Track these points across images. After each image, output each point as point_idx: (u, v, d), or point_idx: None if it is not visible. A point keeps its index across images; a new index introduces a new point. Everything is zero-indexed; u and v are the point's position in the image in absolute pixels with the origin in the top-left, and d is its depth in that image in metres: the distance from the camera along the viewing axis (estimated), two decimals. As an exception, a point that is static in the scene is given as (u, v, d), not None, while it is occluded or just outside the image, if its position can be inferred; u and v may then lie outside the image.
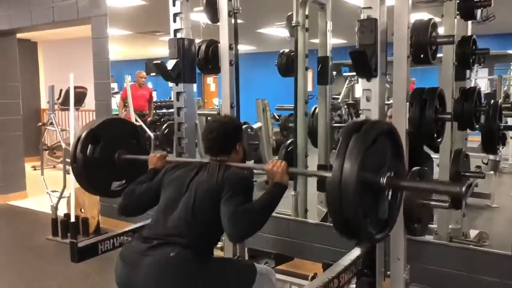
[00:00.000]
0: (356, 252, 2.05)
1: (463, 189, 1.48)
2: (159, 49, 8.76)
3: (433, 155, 3.35)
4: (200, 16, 3.02)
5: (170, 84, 2.74)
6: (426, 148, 3.19)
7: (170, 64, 2.58)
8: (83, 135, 2.35)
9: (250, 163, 2.07)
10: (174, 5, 2.63)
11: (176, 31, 2.64)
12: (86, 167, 2.35)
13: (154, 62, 2.57)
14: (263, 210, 1.84)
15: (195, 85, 2.78)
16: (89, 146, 2.34)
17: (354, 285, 2.09)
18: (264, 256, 2.94)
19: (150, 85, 7.56)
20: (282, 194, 1.91)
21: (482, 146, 3.11)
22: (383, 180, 1.57)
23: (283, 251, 3.20)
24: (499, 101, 2.93)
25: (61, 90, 6.39)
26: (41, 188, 5.98)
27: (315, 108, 3.87)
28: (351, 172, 1.43)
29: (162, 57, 9.74)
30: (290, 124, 6.23)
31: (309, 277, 2.56)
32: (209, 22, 2.95)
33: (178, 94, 2.70)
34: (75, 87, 5.31)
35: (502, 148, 3.40)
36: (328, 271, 1.87)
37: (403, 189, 1.70)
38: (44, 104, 8.94)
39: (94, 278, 3.39)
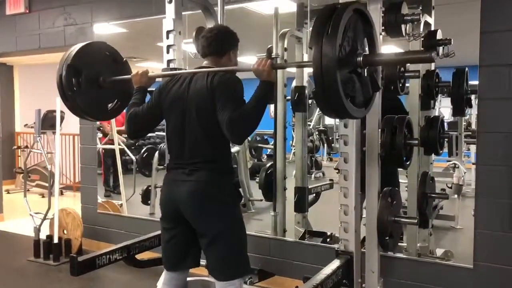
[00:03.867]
0: (336, 263, 2.26)
1: (432, 54, 1.66)
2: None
3: (401, 180, 3.62)
4: (187, 47, 3.25)
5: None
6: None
7: (163, 92, 2.77)
8: (63, 73, 2.38)
9: (235, 67, 2.24)
10: (167, 37, 2.84)
11: (169, 61, 2.84)
12: (78, 101, 2.41)
13: (150, 89, 2.74)
14: (256, 109, 2.01)
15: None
16: (73, 80, 2.38)
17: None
18: (248, 272, 3.08)
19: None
20: (271, 90, 2.11)
21: (452, 111, 3.40)
22: (360, 59, 1.72)
23: (264, 268, 3.37)
24: (466, 70, 3.23)
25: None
26: (17, 211, 6.00)
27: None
28: (330, 56, 1.57)
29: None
30: (258, 145, 6.54)
31: (292, 290, 2.74)
32: (197, 53, 3.19)
33: (169, 119, 2.89)
34: (53, 111, 5.40)
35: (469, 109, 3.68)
36: (312, 279, 2.06)
37: (378, 64, 1.84)
38: (18, 128, 8.90)
39: (79, 297, 3.47)
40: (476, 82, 2.92)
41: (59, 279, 3.84)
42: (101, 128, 6.02)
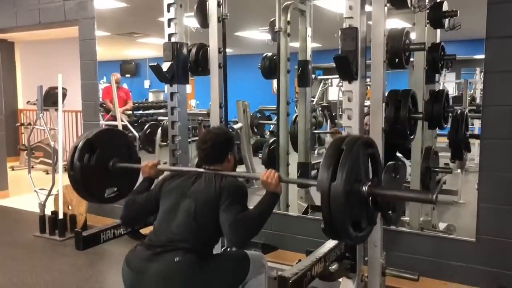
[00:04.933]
0: (339, 237, 2.26)
1: (434, 197, 1.65)
2: (134, 51, 8.82)
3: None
4: (189, 21, 3.20)
5: (146, 85, 2.88)
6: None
7: (165, 66, 2.75)
8: (80, 144, 2.40)
9: (245, 172, 2.24)
10: (168, 11, 2.79)
11: (170, 35, 2.81)
12: (83, 175, 2.40)
13: (151, 64, 2.72)
14: (260, 218, 2.01)
15: (188, 86, 2.95)
16: (86, 154, 2.40)
17: (336, 266, 2.29)
18: (252, 245, 3.12)
19: (125, 85, 7.62)
20: (276, 202, 2.09)
21: (450, 155, 3.42)
22: (364, 189, 1.73)
23: (267, 242, 3.39)
24: (465, 112, 3.23)
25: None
26: (22, 187, 6.04)
27: (296, 116, 4.10)
28: (338, 190, 1.60)
29: (136, 59, 9.65)
30: (260, 121, 6.52)
31: (295, 263, 2.75)
32: (199, 27, 3.15)
33: (172, 94, 2.87)
34: (55, 88, 5.37)
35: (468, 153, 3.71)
36: (315, 252, 2.07)
37: (381, 197, 1.83)
38: (21, 105, 8.89)
39: (86, 271, 3.52)
40: (482, 56, 2.88)
41: (65, 254, 3.89)
42: (104, 105, 6.00)
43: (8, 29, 5.30)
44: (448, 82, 5.06)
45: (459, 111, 3.17)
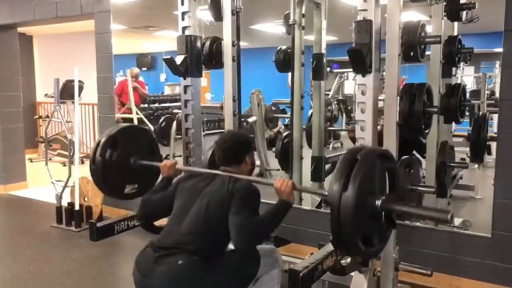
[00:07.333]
0: (351, 231, 2.25)
1: (449, 216, 1.55)
2: (150, 44, 8.86)
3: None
4: (203, 14, 3.20)
5: (162, 79, 2.88)
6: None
7: (178, 59, 2.75)
8: (103, 140, 2.44)
9: (259, 178, 2.27)
10: (182, 4, 2.79)
11: (184, 28, 2.81)
12: (104, 170, 2.42)
13: (165, 57, 2.74)
14: (269, 225, 2.00)
15: (203, 79, 2.95)
16: (108, 150, 2.43)
17: (348, 260, 2.28)
18: (264, 239, 3.13)
19: (141, 78, 7.66)
20: (287, 211, 2.04)
21: (470, 158, 3.38)
22: (378, 203, 1.64)
23: (280, 235, 3.39)
24: (487, 114, 3.17)
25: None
26: (40, 178, 6.15)
27: (311, 114, 4.08)
28: (348, 201, 1.52)
29: (152, 52, 9.62)
30: (274, 115, 6.50)
31: (307, 256, 2.75)
32: (213, 20, 3.15)
33: (185, 87, 2.88)
34: (72, 81, 5.43)
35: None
36: (327, 246, 2.07)
37: (395, 213, 1.75)
38: (39, 97, 9.02)
39: (101, 262, 3.57)
40: (501, 49, 2.82)
41: (81, 244, 3.95)
42: (119, 99, 6.06)
43: (26, 23, 5.37)
44: (467, 76, 4.99)
45: (480, 113, 3.12)
